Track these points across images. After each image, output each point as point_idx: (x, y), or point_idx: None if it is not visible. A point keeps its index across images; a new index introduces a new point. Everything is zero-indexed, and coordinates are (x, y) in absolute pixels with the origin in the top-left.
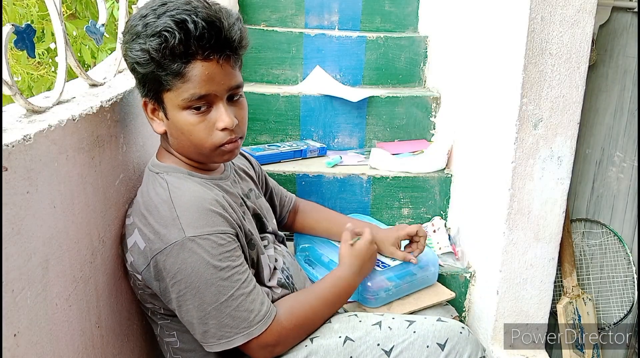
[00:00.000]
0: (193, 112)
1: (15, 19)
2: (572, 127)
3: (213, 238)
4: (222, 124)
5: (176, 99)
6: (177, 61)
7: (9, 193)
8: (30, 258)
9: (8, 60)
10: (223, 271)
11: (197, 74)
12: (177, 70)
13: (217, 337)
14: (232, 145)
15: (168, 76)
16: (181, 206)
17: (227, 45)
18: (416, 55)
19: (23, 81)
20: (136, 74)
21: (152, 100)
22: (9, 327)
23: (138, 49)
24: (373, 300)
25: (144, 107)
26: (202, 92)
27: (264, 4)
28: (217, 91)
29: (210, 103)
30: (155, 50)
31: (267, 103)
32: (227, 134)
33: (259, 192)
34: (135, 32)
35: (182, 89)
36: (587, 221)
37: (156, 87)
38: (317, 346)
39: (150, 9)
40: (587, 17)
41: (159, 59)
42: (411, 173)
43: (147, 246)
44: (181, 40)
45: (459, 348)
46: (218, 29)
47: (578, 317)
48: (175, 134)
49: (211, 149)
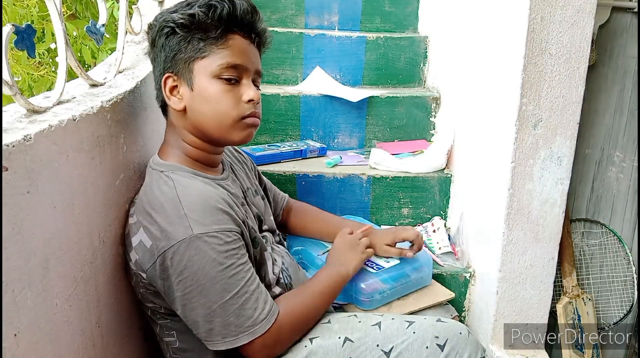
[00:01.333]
0: (223, 82)
1: (15, 20)
2: (571, 127)
3: (220, 235)
4: (248, 96)
5: (210, 66)
6: (221, 27)
7: (9, 193)
8: (30, 258)
9: (8, 60)
10: (229, 268)
11: (236, 45)
12: (218, 36)
13: (222, 335)
14: (253, 119)
15: (208, 39)
16: (188, 204)
17: (261, 33)
18: (416, 55)
19: (23, 81)
20: (169, 43)
21: (177, 74)
22: (9, 327)
23: (183, 12)
24: (367, 303)
25: (163, 85)
26: (237, 61)
27: (264, 4)
28: (249, 66)
29: (240, 77)
30: (204, 13)
31: (267, 103)
32: (251, 107)
33: (255, 190)
34: (178, 5)
35: (219, 55)
36: (586, 221)
37: (190, 54)
38: (316, 347)
39: None
40: (586, 18)
41: (204, 22)
42: (411, 173)
43: (154, 244)
44: (229, 11)
45: (459, 349)
46: (258, 15)
47: (578, 317)
48: (197, 107)
49: (235, 120)
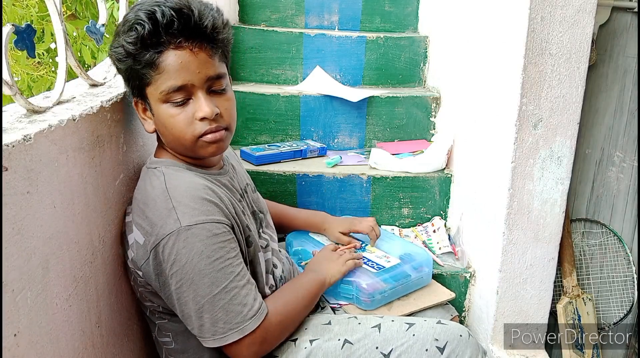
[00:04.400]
0: (172, 105)
1: (15, 20)
2: (572, 127)
3: (208, 226)
4: (201, 113)
5: (155, 93)
6: (150, 51)
7: (9, 193)
8: (30, 258)
9: (8, 60)
10: (217, 261)
11: (171, 64)
12: (151, 60)
13: (212, 332)
14: (212, 135)
15: (144, 68)
16: (177, 196)
17: (199, 32)
18: (416, 55)
19: (23, 81)
20: (120, 72)
21: (139, 98)
22: (9, 327)
23: (116, 45)
24: (369, 303)
25: (136, 108)
26: (177, 83)
27: (264, 4)
28: (194, 81)
29: (189, 94)
30: (129, 43)
31: (267, 103)
32: (206, 124)
33: (253, 187)
34: (116, 32)
35: (160, 81)
36: (587, 221)
37: (138, 83)
38: (316, 348)
39: (130, 9)
40: (587, 17)
41: (133, 52)
42: (411, 173)
43: (146, 240)
44: (150, 30)
45: (459, 352)
46: (187, 17)
47: (578, 317)
48: (161, 130)
49: (192, 141)
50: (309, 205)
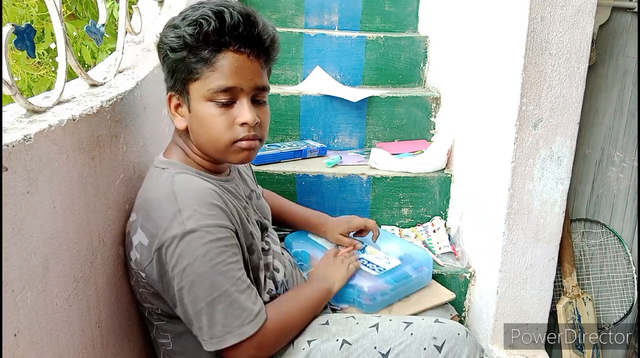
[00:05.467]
0: (216, 104)
1: (15, 20)
2: (572, 127)
3: (212, 230)
4: (243, 118)
5: (202, 89)
6: (209, 48)
7: (9, 193)
8: (30, 258)
9: (8, 60)
10: (219, 265)
11: (227, 64)
12: (208, 57)
13: (210, 335)
14: (248, 142)
15: (198, 62)
16: (183, 199)
17: (259, 42)
18: (416, 55)
19: (23, 81)
20: (167, 63)
21: (177, 93)
22: (9, 327)
23: (173, 35)
24: (370, 304)
25: (168, 103)
26: (229, 84)
27: (264, 4)
28: (244, 86)
29: (235, 98)
30: (190, 35)
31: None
32: (245, 130)
33: (258, 193)
34: (173, 25)
35: (210, 78)
36: (587, 221)
37: (184, 76)
38: (314, 349)
39: (190, 7)
40: (587, 17)
41: (192, 44)
42: (411, 173)
43: (151, 242)
44: (216, 28)
45: (457, 350)
46: (253, 24)
47: (578, 317)
48: (195, 128)
49: (227, 145)
50: (309, 205)
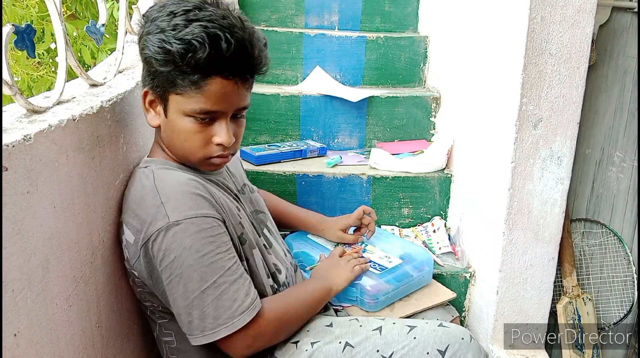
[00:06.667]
0: (194, 121)
1: (15, 20)
2: (572, 127)
3: (196, 221)
4: (219, 139)
5: (183, 105)
6: (199, 72)
7: (9, 193)
8: (30, 258)
9: (8, 60)
10: (206, 256)
11: (214, 90)
12: (196, 80)
13: (201, 328)
14: (221, 160)
15: (185, 81)
16: (165, 192)
17: (251, 70)
18: (416, 55)
19: (23, 81)
20: (149, 66)
21: (155, 94)
22: (9, 327)
23: (159, 45)
24: (373, 304)
25: (143, 97)
26: (213, 108)
27: (264, 4)
28: (226, 109)
29: (215, 118)
30: (181, 55)
31: (267, 103)
32: (220, 149)
33: (250, 187)
34: (159, 27)
35: (194, 99)
36: (587, 221)
37: (166, 86)
38: (317, 351)
39: (182, 9)
40: (587, 17)
41: (181, 65)
42: (411, 173)
43: (136, 238)
44: (210, 55)
45: (460, 355)
46: (247, 54)
47: (578, 317)
48: (168, 134)
49: (200, 159)
50: (309, 205)
